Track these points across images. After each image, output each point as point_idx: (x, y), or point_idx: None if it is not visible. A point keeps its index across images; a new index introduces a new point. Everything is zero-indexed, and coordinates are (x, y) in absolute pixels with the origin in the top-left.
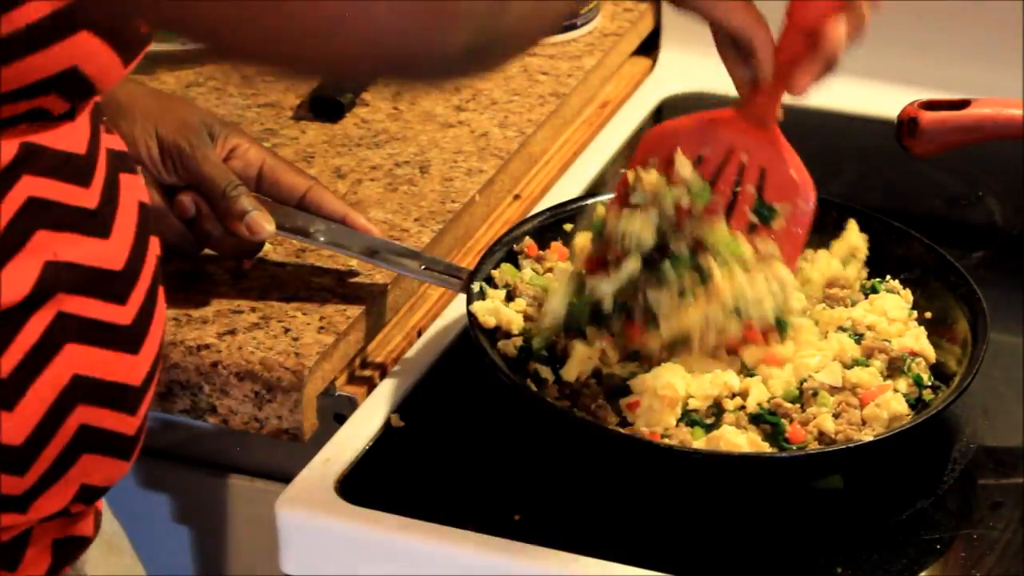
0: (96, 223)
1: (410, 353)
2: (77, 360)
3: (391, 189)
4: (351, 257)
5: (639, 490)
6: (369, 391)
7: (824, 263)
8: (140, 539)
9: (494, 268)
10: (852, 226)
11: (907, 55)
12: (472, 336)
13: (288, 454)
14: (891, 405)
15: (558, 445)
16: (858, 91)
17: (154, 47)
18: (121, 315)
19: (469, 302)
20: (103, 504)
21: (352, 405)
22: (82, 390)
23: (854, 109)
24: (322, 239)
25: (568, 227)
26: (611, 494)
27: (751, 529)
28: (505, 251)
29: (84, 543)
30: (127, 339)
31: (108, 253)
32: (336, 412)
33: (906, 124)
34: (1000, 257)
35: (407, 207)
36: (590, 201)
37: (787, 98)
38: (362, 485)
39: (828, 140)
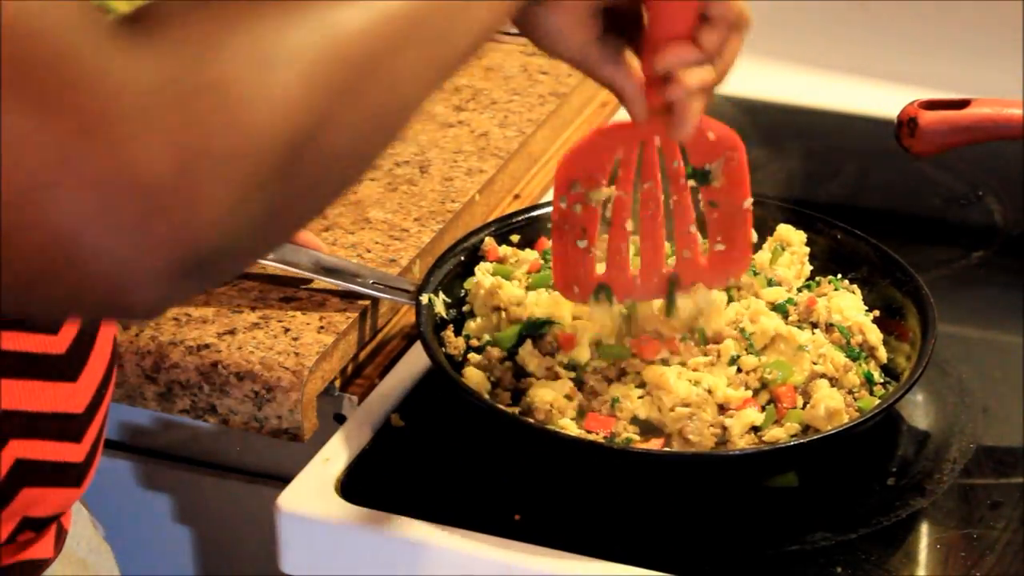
0: (64, 370)
1: (410, 353)
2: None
3: (391, 189)
4: (300, 274)
5: (638, 492)
6: (369, 391)
7: (756, 258)
8: (140, 539)
9: (441, 280)
10: (782, 227)
11: (907, 55)
12: (431, 359)
13: (288, 454)
14: (833, 399)
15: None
16: (858, 91)
17: None
18: (55, 345)
19: (418, 316)
20: (84, 519)
21: (352, 405)
22: (17, 423)
23: (854, 109)
24: (270, 257)
25: (515, 238)
26: (611, 495)
27: (751, 529)
28: (456, 261)
29: (41, 565)
30: (63, 369)
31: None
32: (336, 412)
33: (906, 124)
34: (1000, 257)
35: (407, 207)
36: (535, 213)
37: (788, 98)
38: (362, 485)
39: (828, 140)
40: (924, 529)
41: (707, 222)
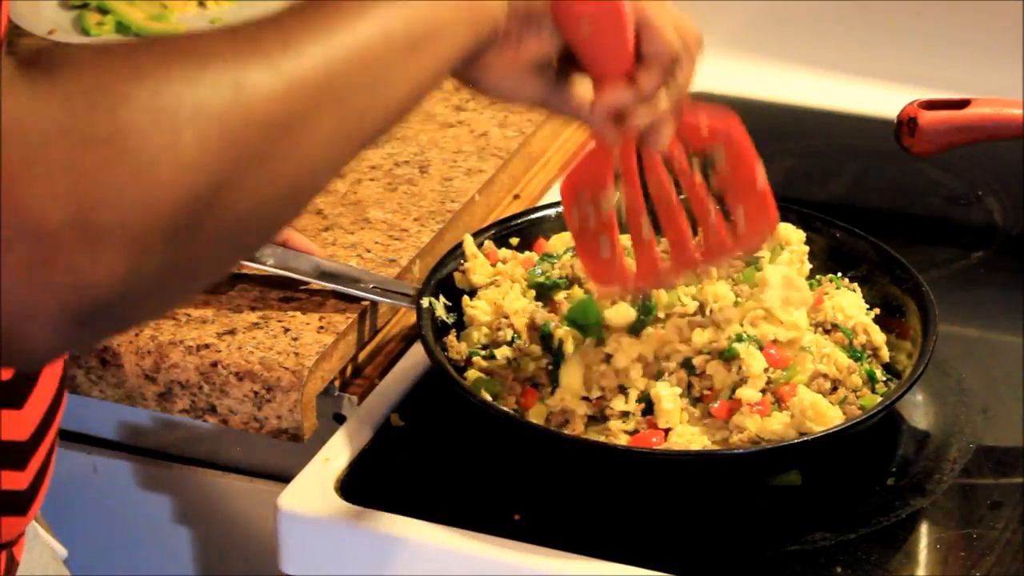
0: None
1: (410, 353)
2: None
3: (391, 189)
4: (301, 279)
5: (637, 491)
6: (369, 391)
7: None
8: (140, 539)
9: (442, 283)
10: (780, 225)
11: (907, 55)
12: (433, 363)
13: (288, 454)
14: (806, 399)
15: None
16: (858, 91)
17: None
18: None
19: (420, 320)
20: (41, 545)
21: (352, 405)
22: None
23: (854, 109)
24: (270, 263)
25: (514, 241)
26: (611, 495)
27: (752, 529)
28: (456, 264)
29: None
30: (8, 396)
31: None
32: (336, 412)
33: (906, 124)
34: (1000, 257)
35: (407, 207)
36: (534, 216)
37: (788, 98)
38: (362, 485)
39: (828, 140)
40: (924, 529)
41: (725, 203)
